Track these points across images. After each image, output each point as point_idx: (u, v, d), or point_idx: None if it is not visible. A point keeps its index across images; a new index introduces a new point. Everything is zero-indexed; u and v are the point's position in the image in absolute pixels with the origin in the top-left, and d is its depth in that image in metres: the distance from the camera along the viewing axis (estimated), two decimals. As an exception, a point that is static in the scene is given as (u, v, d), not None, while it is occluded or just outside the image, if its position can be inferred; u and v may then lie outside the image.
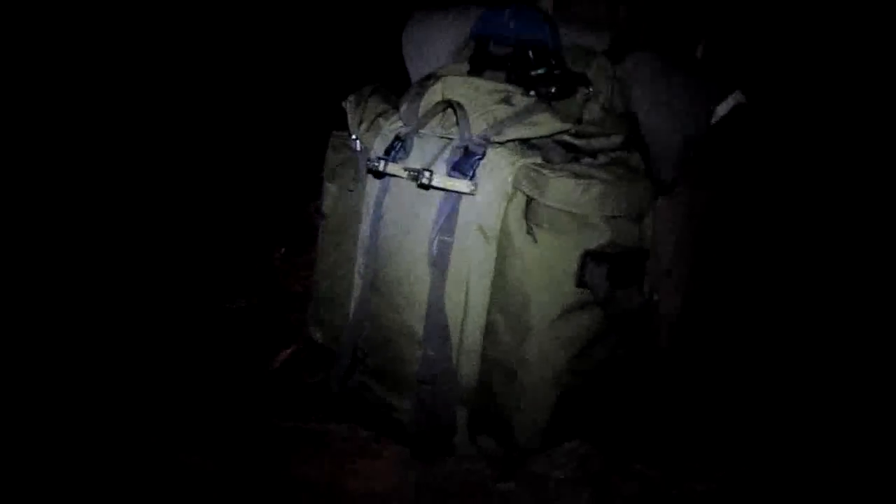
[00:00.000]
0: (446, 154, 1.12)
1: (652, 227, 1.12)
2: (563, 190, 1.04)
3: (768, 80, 1.25)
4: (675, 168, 1.15)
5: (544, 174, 1.05)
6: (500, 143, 1.10)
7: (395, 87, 1.33)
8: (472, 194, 1.09)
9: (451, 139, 1.14)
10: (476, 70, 1.22)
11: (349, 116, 1.26)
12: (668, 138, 1.15)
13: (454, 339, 1.13)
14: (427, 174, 1.09)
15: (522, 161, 1.08)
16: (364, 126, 1.24)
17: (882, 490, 1.15)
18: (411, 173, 1.12)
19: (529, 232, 1.07)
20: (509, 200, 1.08)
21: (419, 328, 1.15)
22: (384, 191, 1.19)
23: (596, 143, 1.13)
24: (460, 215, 1.10)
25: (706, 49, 1.26)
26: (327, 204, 1.31)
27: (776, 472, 1.18)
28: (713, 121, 1.12)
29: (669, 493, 1.15)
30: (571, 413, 1.12)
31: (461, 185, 1.08)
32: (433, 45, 1.34)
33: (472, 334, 1.12)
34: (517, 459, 1.19)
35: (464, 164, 1.10)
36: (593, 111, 1.16)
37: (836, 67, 1.49)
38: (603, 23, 1.29)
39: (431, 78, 1.22)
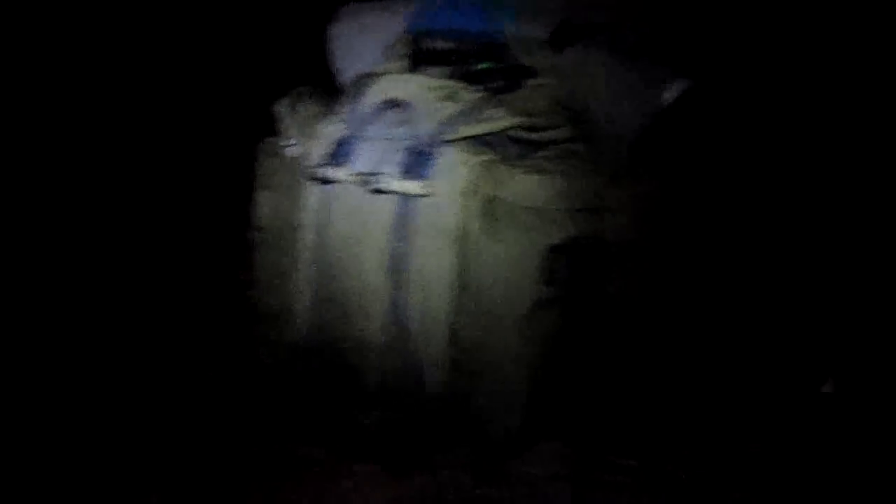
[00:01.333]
0: (396, 156, 1.08)
1: (609, 217, 1.11)
2: (524, 186, 1.02)
3: (710, 63, 1.26)
4: (625, 157, 1.15)
5: (504, 170, 1.03)
6: (453, 142, 1.07)
7: (322, 87, 1.27)
8: (429, 196, 1.05)
9: (399, 140, 1.09)
10: (416, 66, 1.18)
11: (282, 121, 1.19)
12: (616, 127, 1.14)
13: (417, 346, 1.09)
14: (380, 178, 1.04)
15: (478, 158, 1.05)
16: (299, 131, 1.17)
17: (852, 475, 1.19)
18: (361, 178, 1.06)
19: (491, 230, 1.04)
20: (468, 200, 1.04)
21: (379, 338, 1.10)
22: (329, 198, 1.13)
23: (546, 135, 1.11)
24: (417, 218, 1.06)
25: (645, 35, 1.25)
26: (262, 214, 1.23)
27: (744, 456, 1.22)
28: (660, 108, 1.12)
29: (652, 480, 1.16)
30: (545, 412, 1.11)
31: (416, 187, 1.04)
32: (363, 42, 1.29)
33: (437, 340, 1.08)
34: (494, 463, 1.17)
35: (417, 165, 1.05)
36: (541, 103, 1.13)
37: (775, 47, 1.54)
38: (538, 11, 1.27)
39: (370, 77, 1.16)
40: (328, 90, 1.24)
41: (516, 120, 1.08)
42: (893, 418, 1.27)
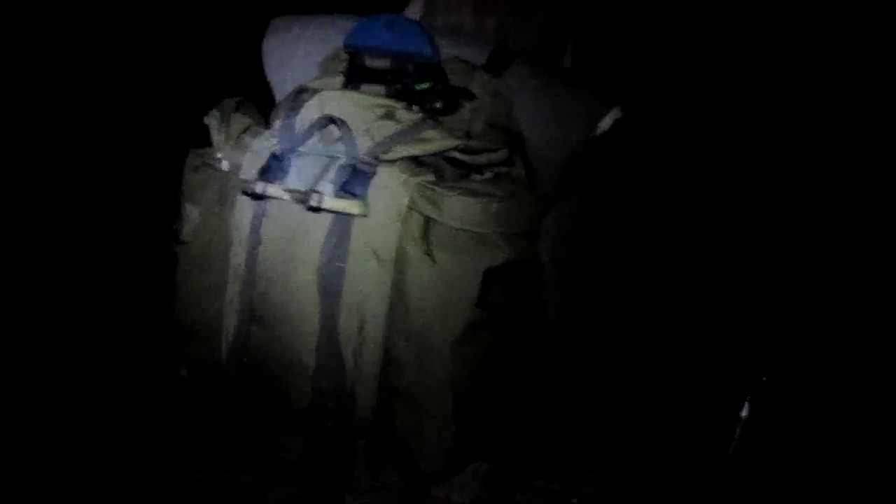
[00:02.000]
0: (331, 173, 1.06)
1: (542, 239, 1.12)
2: (462, 208, 1.02)
3: (634, 87, 1.30)
4: (557, 181, 1.16)
5: (441, 192, 1.02)
6: (390, 162, 1.05)
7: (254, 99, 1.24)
8: (365, 215, 1.03)
9: (334, 157, 1.07)
10: (352, 84, 1.16)
11: (213, 133, 1.15)
12: (549, 153, 1.15)
13: (349, 368, 1.07)
14: (316, 196, 1.02)
15: (416, 179, 1.04)
16: (230, 143, 1.14)
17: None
18: (296, 195, 1.04)
19: (427, 252, 1.03)
20: (404, 221, 1.03)
21: (309, 360, 1.08)
22: (260, 214, 1.10)
23: (482, 158, 1.12)
24: (352, 238, 1.04)
25: (574, 58, 1.28)
26: (187, 228, 1.18)
27: (661, 471, 1.24)
28: (595, 135, 1.14)
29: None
30: (474, 434, 1.10)
31: (353, 206, 1.02)
32: (298, 56, 1.26)
33: (370, 362, 1.07)
34: (420, 488, 1.15)
35: (353, 183, 1.04)
36: (477, 126, 1.14)
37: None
38: (473, 34, 1.28)
39: (306, 92, 1.14)
40: (262, 102, 1.21)
41: (454, 142, 1.08)
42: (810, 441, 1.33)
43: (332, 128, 1.09)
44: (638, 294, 1.48)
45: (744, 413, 1.38)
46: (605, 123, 1.14)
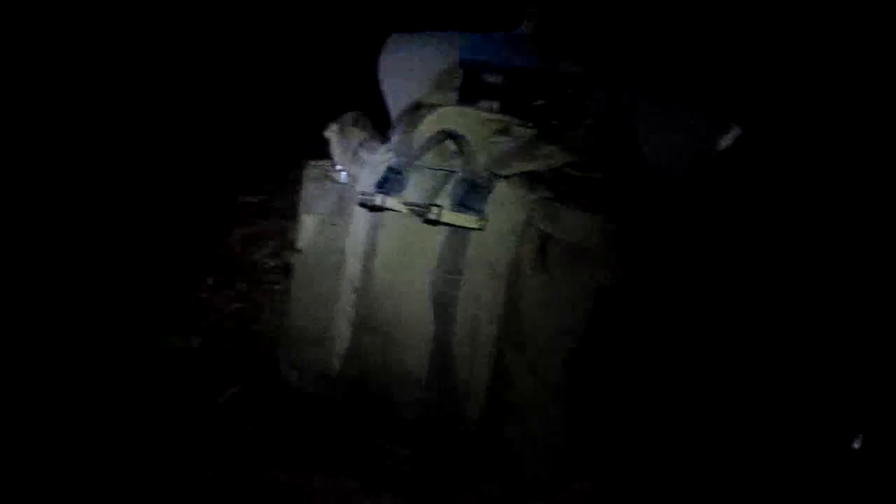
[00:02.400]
0: (448, 187, 1.08)
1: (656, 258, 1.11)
2: (578, 224, 1.02)
3: (757, 109, 1.28)
4: (675, 200, 1.15)
5: (558, 208, 1.03)
6: (507, 177, 1.07)
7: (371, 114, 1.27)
8: (482, 230, 1.04)
9: (451, 172, 1.09)
10: (467, 99, 1.18)
11: (333, 146, 1.19)
12: (665, 170, 1.15)
13: (460, 380, 1.08)
14: (435, 210, 1.04)
15: (533, 195, 1.05)
16: (349, 156, 1.17)
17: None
18: (414, 208, 1.06)
19: (543, 268, 1.03)
20: (520, 235, 1.04)
21: (420, 371, 1.10)
22: (377, 225, 1.12)
23: (599, 175, 1.12)
24: (468, 251, 1.06)
25: (689, 73, 1.27)
26: (303, 238, 1.23)
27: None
28: (714, 153, 1.13)
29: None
30: (581, 452, 1.10)
31: (471, 220, 1.04)
32: (413, 72, 1.29)
33: (480, 374, 1.08)
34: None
35: (471, 198, 1.05)
36: (594, 143, 1.14)
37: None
38: (587, 51, 1.28)
39: (422, 107, 1.17)
40: (378, 117, 1.24)
41: (571, 158, 1.08)
42: None
43: (448, 143, 1.11)
44: (751, 315, 1.45)
45: (857, 444, 1.33)
46: (726, 141, 1.12)
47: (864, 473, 1.28)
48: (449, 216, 1.04)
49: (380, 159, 1.14)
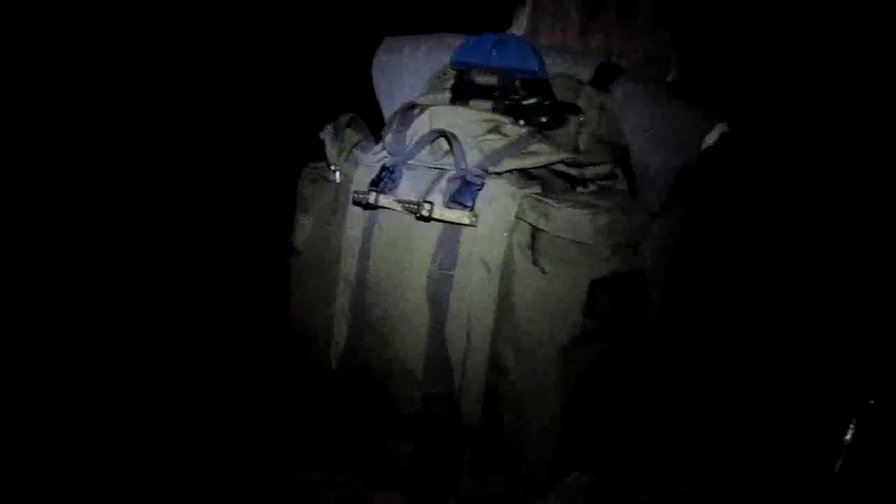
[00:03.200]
0: (441, 185, 1.09)
1: (648, 251, 1.13)
2: (570, 219, 1.04)
3: (740, 102, 1.29)
4: (663, 195, 1.17)
5: (549, 204, 1.04)
6: (499, 174, 1.08)
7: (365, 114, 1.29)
8: (474, 226, 1.06)
9: (443, 169, 1.11)
10: (460, 99, 1.20)
11: (328, 147, 1.20)
12: (656, 167, 1.16)
13: (456, 375, 1.10)
14: (427, 206, 1.06)
15: (524, 191, 1.06)
16: (343, 157, 1.19)
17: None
18: (407, 205, 1.08)
19: (535, 263, 1.05)
20: (512, 231, 1.06)
21: (417, 367, 1.11)
22: (371, 223, 1.14)
23: (588, 172, 1.14)
24: (461, 248, 1.07)
25: (679, 72, 1.29)
26: (300, 238, 1.24)
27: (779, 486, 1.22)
28: (701, 149, 1.15)
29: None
30: (579, 443, 1.11)
31: (463, 216, 1.06)
32: (407, 73, 1.31)
33: (476, 369, 1.09)
34: (523, 496, 1.16)
35: (463, 194, 1.07)
36: (584, 140, 1.16)
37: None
38: (578, 51, 1.30)
39: (415, 107, 1.18)
40: (372, 117, 1.26)
41: (561, 155, 1.10)
42: None
43: (441, 141, 1.13)
44: (742, 307, 1.46)
45: (847, 437, 1.34)
46: (712, 138, 1.14)
47: (858, 467, 1.29)
48: (441, 212, 1.06)
49: (374, 159, 1.16)
